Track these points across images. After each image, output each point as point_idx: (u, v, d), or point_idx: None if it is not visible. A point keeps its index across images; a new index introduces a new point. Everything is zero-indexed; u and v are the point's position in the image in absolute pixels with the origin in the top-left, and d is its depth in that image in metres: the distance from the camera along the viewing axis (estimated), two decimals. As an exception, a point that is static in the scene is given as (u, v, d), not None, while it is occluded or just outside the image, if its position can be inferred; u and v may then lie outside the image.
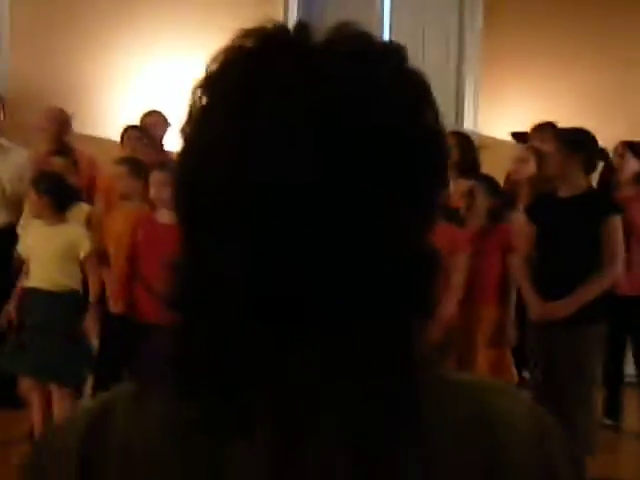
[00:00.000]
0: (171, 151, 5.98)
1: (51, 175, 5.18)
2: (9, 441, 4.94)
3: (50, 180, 5.03)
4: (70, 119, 6.11)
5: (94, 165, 6.03)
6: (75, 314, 4.89)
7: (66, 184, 5.14)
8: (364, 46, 0.77)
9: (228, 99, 0.75)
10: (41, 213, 4.95)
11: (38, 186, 4.94)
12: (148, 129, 6.11)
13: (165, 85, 6.86)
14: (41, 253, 4.91)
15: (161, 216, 4.83)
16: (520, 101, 7.17)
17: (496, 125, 7.14)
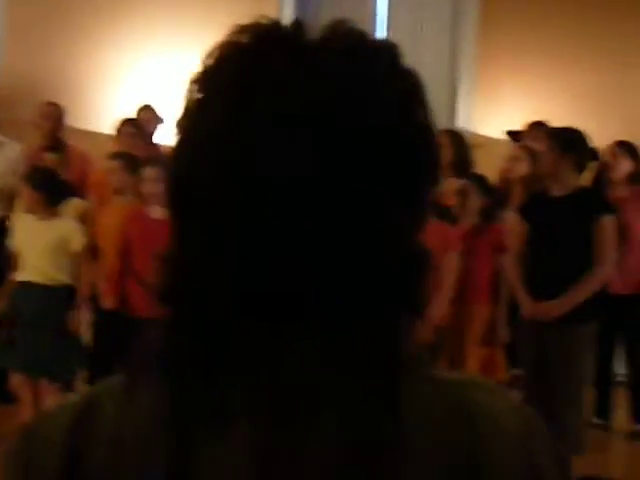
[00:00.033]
0: (163, 146, 5.98)
1: (44, 170, 5.18)
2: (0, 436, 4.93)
3: (43, 175, 5.04)
4: (64, 115, 6.10)
5: (86, 160, 6.02)
6: (67, 309, 4.89)
7: (59, 179, 5.15)
8: (358, 44, 0.77)
9: (224, 94, 0.75)
10: (34, 208, 4.95)
11: (31, 181, 4.94)
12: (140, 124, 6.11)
13: (159, 80, 6.86)
14: (33, 248, 4.90)
15: (154, 211, 4.83)
16: (516, 100, 7.17)
17: (491, 124, 7.14)
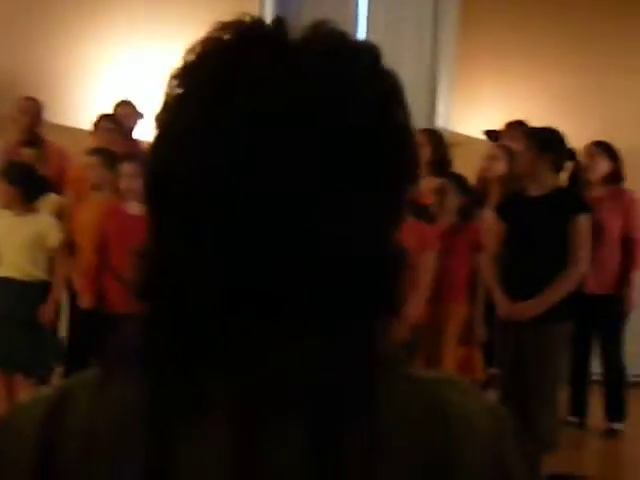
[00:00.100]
0: (142, 142, 5.96)
1: (21, 166, 5.16)
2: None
3: (20, 171, 5.01)
4: (42, 110, 6.07)
5: (64, 156, 5.99)
6: (43, 304, 4.88)
7: (36, 175, 5.12)
8: (339, 45, 0.77)
9: (203, 90, 0.75)
10: (10, 203, 4.93)
11: (8, 176, 4.92)
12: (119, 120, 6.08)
13: (139, 76, 6.83)
14: (10, 243, 4.88)
15: (131, 207, 4.81)
16: (495, 100, 7.18)
17: (470, 123, 7.16)
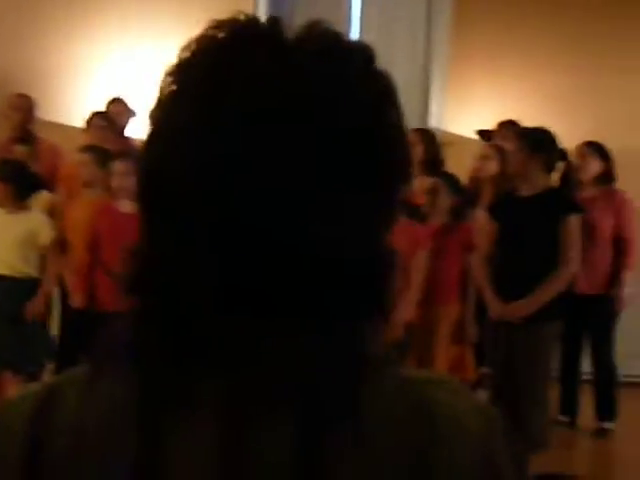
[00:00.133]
0: (134, 139, 5.95)
1: (13, 163, 5.14)
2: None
3: (12, 168, 5.00)
4: (34, 107, 6.06)
5: (56, 153, 5.97)
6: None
7: (28, 172, 5.11)
8: (333, 45, 0.77)
9: (198, 87, 0.75)
10: (2, 201, 4.92)
11: (0, 173, 4.91)
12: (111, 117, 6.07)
13: (131, 74, 6.82)
14: (2, 241, 4.87)
15: (123, 205, 4.80)
16: (488, 100, 7.19)
17: (463, 123, 7.16)
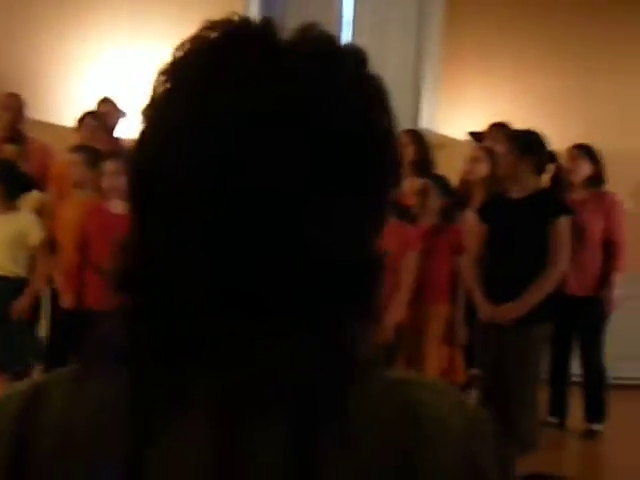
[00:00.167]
0: (124, 139, 5.94)
1: (3, 162, 5.13)
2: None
3: (2, 168, 4.99)
4: (24, 106, 6.05)
5: (47, 152, 5.96)
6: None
7: (18, 172, 5.10)
8: (326, 48, 0.78)
9: (192, 86, 0.75)
10: (-8, 201, 4.91)
11: (-11, 173, 4.90)
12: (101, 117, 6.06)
13: (122, 74, 6.81)
14: (-9, 240, 4.87)
15: (113, 206, 4.79)
16: (480, 101, 7.20)
17: (455, 124, 7.17)
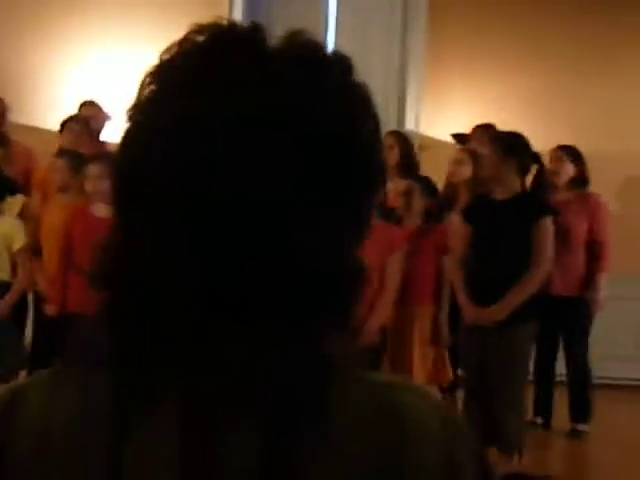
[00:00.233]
0: (109, 143, 5.93)
1: (-14, 166, 5.11)
2: None
3: (-15, 171, 4.97)
4: (7, 110, 6.02)
5: (31, 156, 5.93)
6: None
7: (2, 175, 5.08)
8: (312, 55, 0.78)
9: (179, 89, 0.75)
10: (-24, 204, 4.89)
11: (-27, 177, 4.88)
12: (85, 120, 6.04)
13: (107, 77, 6.80)
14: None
15: (98, 210, 4.77)
16: (464, 103, 7.22)
17: (439, 126, 7.19)
